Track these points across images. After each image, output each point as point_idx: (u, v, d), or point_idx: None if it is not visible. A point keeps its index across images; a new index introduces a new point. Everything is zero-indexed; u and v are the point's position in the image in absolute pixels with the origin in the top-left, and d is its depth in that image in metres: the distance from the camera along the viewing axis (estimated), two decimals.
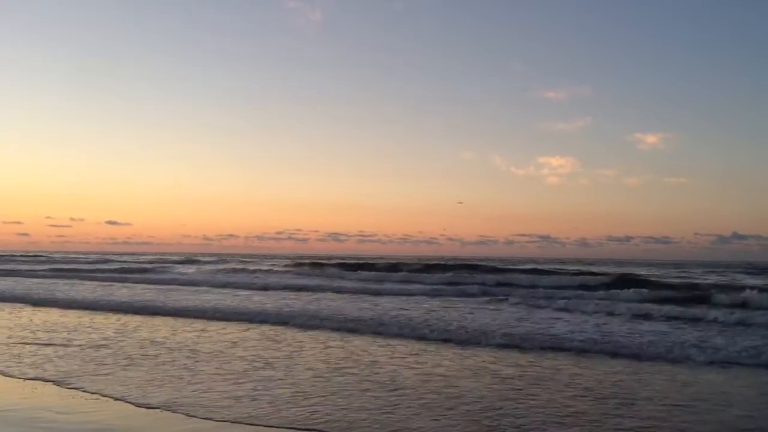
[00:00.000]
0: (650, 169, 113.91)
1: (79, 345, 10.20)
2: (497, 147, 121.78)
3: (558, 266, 48.68)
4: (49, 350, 9.63)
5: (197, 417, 5.94)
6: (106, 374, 7.83)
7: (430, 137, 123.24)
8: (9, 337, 10.99)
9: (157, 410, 6.17)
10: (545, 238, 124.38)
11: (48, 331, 11.81)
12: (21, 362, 8.60)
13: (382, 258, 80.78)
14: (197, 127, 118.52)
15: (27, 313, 15.43)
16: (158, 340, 10.91)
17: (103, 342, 10.56)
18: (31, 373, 7.86)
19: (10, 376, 7.73)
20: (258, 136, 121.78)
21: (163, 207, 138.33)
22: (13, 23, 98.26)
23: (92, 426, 5.65)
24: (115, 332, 11.88)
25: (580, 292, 21.73)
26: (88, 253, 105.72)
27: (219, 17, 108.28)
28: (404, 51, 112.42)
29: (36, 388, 7.13)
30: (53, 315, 14.98)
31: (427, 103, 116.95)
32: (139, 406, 6.30)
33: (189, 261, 62.50)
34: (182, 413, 6.06)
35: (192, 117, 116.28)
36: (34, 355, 9.15)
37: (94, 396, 6.70)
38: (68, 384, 7.23)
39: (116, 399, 6.56)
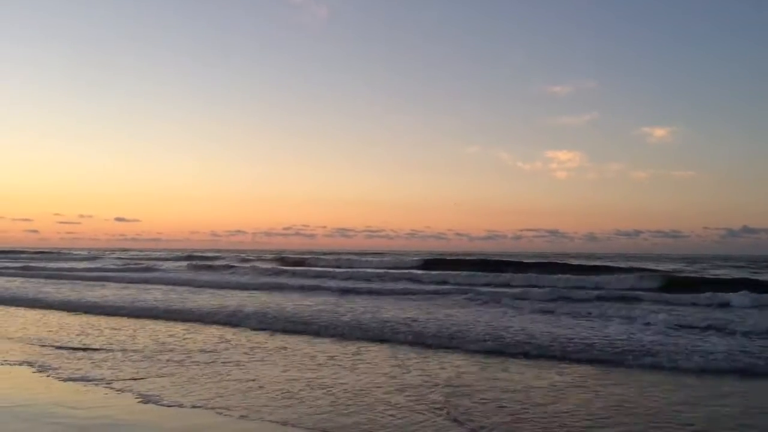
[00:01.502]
0: (658, 163, 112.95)
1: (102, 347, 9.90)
2: (503, 142, 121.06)
3: (591, 262, 47.37)
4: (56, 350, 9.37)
5: (222, 415, 5.62)
6: (127, 371, 7.58)
7: (436, 132, 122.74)
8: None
9: (182, 408, 5.85)
10: (553, 232, 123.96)
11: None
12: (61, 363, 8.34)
13: (385, 253, 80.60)
14: (204, 124, 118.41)
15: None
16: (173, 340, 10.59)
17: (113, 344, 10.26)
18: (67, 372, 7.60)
19: (42, 372, 7.43)
20: (264, 132, 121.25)
21: (171, 203, 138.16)
22: (16, 21, 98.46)
23: (101, 421, 5.39)
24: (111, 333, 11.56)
25: (630, 291, 19.49)
26: (79, 250, 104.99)
27: (223, 13, 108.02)
28: (409, 46, 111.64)
29: (52, 384, 6.85)
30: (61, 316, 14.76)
31: (432, 98, 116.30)
32: (159, 404, 5.98)
33: (179, 259, 59.50)
34: (207, 409, 5.77)
35: (198, 113, 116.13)
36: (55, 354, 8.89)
37: (110, 392, 6.42)
38: (89, 380, 6.95)
39: (135, 395, 6.27)
